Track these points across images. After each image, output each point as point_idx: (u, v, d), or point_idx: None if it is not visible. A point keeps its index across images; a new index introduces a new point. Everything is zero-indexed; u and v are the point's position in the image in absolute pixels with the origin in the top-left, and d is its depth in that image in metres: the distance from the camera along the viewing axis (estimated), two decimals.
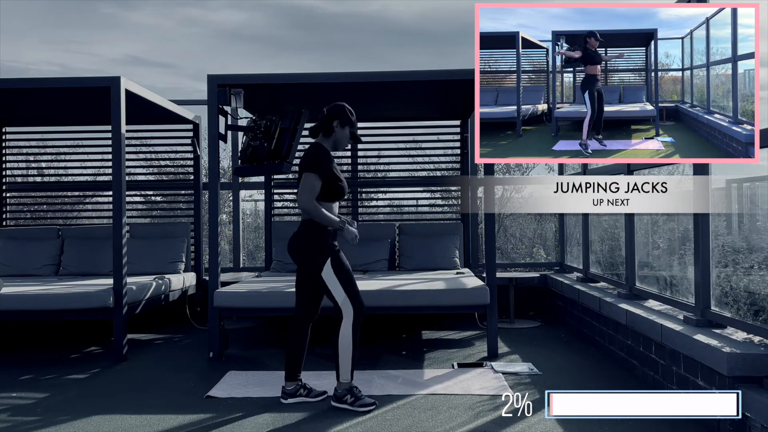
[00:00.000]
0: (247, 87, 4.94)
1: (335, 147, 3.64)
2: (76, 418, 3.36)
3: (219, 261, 4.87)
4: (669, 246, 4.54)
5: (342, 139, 3.61)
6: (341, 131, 3.59)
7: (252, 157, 4.93)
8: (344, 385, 3.49)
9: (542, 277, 6.52)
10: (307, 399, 3.60)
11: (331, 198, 3.53)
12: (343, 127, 3.59)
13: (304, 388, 3.63)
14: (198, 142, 6.63)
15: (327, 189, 3.50)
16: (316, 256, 3.48)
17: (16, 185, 7.10)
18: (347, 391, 3.48)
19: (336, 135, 3.59)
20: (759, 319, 3.17)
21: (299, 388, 3.62)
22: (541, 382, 3.92)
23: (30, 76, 8.27)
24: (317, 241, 3.48)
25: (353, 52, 27.22)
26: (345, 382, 3.49)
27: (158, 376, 4.27)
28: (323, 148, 3.56)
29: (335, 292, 3.48)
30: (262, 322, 6.08)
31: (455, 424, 3.21)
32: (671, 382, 3.51)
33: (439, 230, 6.48)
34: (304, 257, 3.53)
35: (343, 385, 3.49)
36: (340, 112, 3.59)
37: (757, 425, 2.66)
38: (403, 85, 5.12)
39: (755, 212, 3.91)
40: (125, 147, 4.90)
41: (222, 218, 7.93)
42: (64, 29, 26.81)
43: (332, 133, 3.59)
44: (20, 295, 4.72)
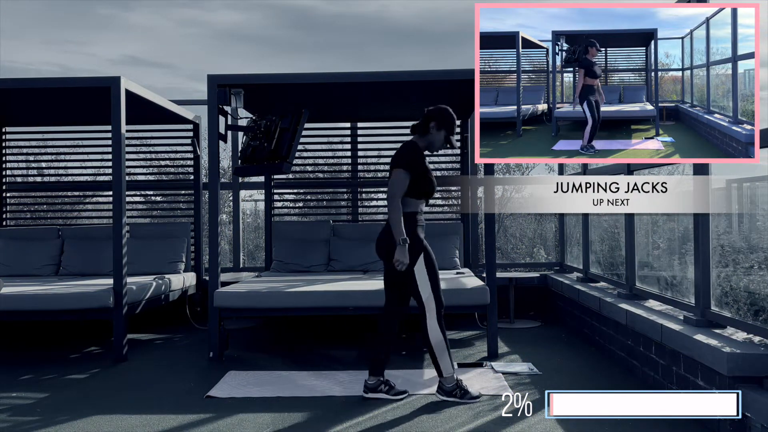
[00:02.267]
0: (247, 87, 4.93)
1: (429, 148, 3.70)
2: (76, 418, 3.36)
3: (219, 261, 4.87)
4: (669, 246, 4.54)
5: (436, 141, 3.66)
6: (437, 133, 3.64)
7: (252, 157, 4.94)
8: (449, 379, 3.56)
9: (542, 277, 6.52)
10: (387, 396, 3.61)
11: (418, 195, 3.60)
12: (439, 129, 3.64)
13: (385, 384, 3.64)
14: (198, 142, 6.63)
15: (415, 186, 3.57)
16: (410, 253, 3.52)
17: (16, 185, 7.10)
18: (455, 386, 3.54)
19: (431, 136, 3.66)
20: (759, 319, 3.17)
21: (380, 384, 3.63)
22: (541, 382, 3.92)
23: (29, 76, 8.27)
24: (410, 238, 3.53)
25: (352, 53, 27.23)
26: (449, 377, 3.56)
27: (158, 376, 4.27)
28: (415, 145, 3.64)
29: (422, 288, 3.55)
30: (262, 322, 6.08)
31: (455, 424, 3.21)
32: (671, 382, 3.51)
33: (439, 230, 6.47)
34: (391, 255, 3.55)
35: (448, 380, 3.56)
36: (439, 114, 3.65)
37: (757, 425, 2.66)
38: (403, 85, 5.12)
39: (755, 212, 3.91)
40: (125, 147, 4.90)
41: (222, 218, 7.93)
42: (62, 29, 26.81)
43: (427, 133, 3.66)
44: (20, 295, 4.72)
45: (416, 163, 3.57)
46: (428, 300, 3.56)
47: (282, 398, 3.67)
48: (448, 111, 3.66)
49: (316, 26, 27.10)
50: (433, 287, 3.57)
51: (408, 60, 27.75)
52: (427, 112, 3.68)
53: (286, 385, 3.91)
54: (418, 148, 3.64)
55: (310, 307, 4.68)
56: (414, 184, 3.56)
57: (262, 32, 28.88)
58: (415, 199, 3.61)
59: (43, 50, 26.16)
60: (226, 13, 25.76)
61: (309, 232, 6.41)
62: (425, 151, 3.70)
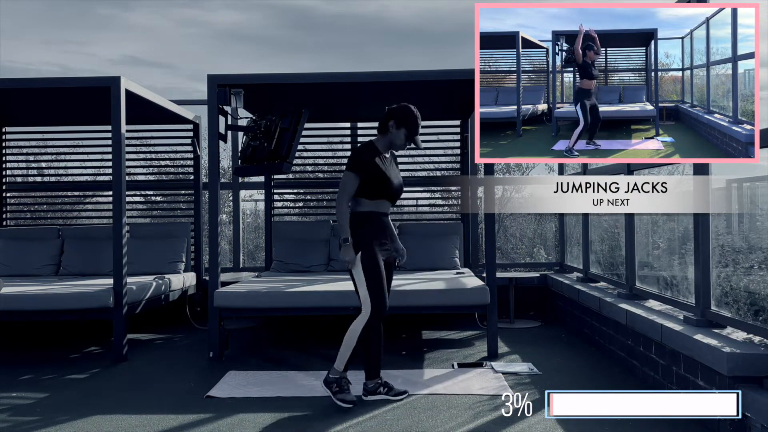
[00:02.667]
0: (247, 87, 4.93)
1: (391, 147, 3.65)
2: (76, 418, 3.36)
3: (219, 261, 4.87)
4: (669, 246, 4.54)
5: (396, 140, 3.61)
6: (396, 132, 3.59)
7: (252, 157, 4.94)
8: (335, 371, 3.53)
9: (542, 277, 6.52)
10: (387, 396, 3.60)
11: (371, 195, 3.56)
12: (398, 128, 3.58)
13: (384, 386, 3.63)
14: (198, 142, 6.63)
15: (367, 186, 3.54)
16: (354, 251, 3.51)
17: (16, 185, 7.10)
18: (336, 381, 3.51)
19: (391, 135, 3.61)
20: (759, 319, 3.17)
21: (379, 386, 3.62)
22: (541, 382, 3.92)
23: (29, 76, 8.27)
24: (356, 237, 3.51)
25: (351, 53, 27.23)
26: (337, 370, 3.53)
27: (158, 376, 4.27)
28: (369, 145, 3.61)
29: (359, 288, 3.52)
30: (262, 322, 6.08)
31: (455, 424, 3.21)
32: (671, 382, 3.51)
33: (439, 230, 6.48)
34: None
35: (334, 371, 3.53)
36: (398, 113, 3.60)
37: (757, 425, 2.66)
38: (403, 85, 5.12)
39: (755, 212, 3.91)
40: (125, 147, 4.90)
41: (222, 218, 7.93)
42: (62, 29, 26.81)
43: (387, 132, 3.62)
44: (20, 295, 4.72)
45: (365, 165, 3.51)
46: (364, 301, 3.50)
47: (282, 398, 3.67)
48: (408, 109, 3.60)
49: (316, 26, 27.11)
50: (372, 290, 3.49)
51: (408, 60, 27.77)
52: (388, 110, 3.62)
53: (286, 385, 3.91)
54: (370, 149, 3.58)
55: (310, 307, 4.68)
56: (366, 184, 3.52)
57: (262, 32, 28.89)
58: (370, 199, 3.56)
59: (43, 50, 26.18)
60: (226, 13, 25.77)
61: (309, 232, 6.41)
62: (388, 150, 3.65)
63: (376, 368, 3.63)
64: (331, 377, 3.53)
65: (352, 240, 3.51)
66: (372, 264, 3.51)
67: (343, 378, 3.53)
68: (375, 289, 3.49)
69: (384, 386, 3.63)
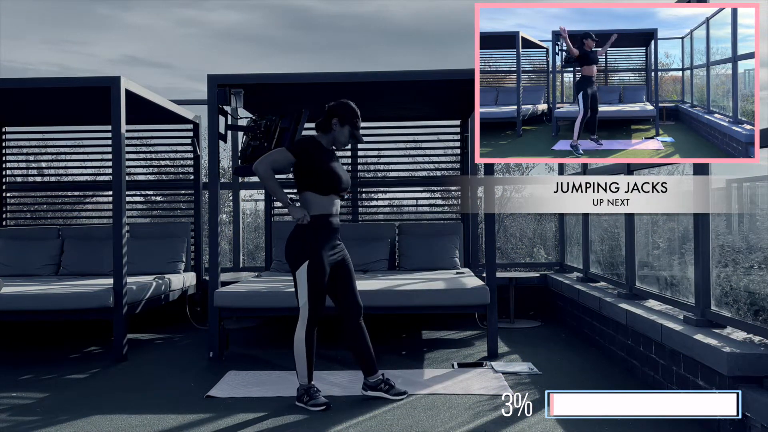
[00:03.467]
0: (246, 87, 4.93)
1: (334, 144, 3.64)
2: (76, 418, 3.36)
3: (219, 261, 4.87)
4: (669, 246, 4.54)
5: (340, 137, 3.59)
6: (340, 129, 3.58)
7: (252, 157, 4.93)
8: (301, 387, 3.52)
9: (542, 277, 6.52)
10: (386, 395, 3.59)
11: (320, 190, 3.52)
12: (342, 125, 3.57)
13: (385, 383, 3.62)
14: (198, 142, 6.63)
15: (310, 178, 3.51)
16: (296, 255, 3.49)
17: (16, 185, 7.10)
18: (305, 392, 3.50)
19: (335, 133, 3.59)
20: (759, 319, 3.17)
21: (380, 382, 3.62)
22: (541, 382, 3.92)
23: (28, 76, 8.27)
24: (305, 241, 3.48)
25: (351, 53, 27.25)
26: (302, 384, 3.52)
27: (158, 376, 4.27)
28: (312, 140, 3.59)
29: (300, 293, 3.49)
30: (262, 322, 6.08)
31: (455, 424, 3.21)
32: (671, 382, 3.51)
33: (439, 230, 6.48)
34: (287, 255, 3.55)
35: (300, 387, 3.52)
36: (341, 109, 3.57)
37: (757, 425, 2.66)
38: (403, 85, 5.12)
39: (755, 212, 3.91)
40: (125, 147, 4.90)
41: (222, 218, 7.93)
42: (61, 29, 26.83)
43: (330, 131, 3.59)
44: (20, 295, 4.72)
45: (306, 153, 3.50)
46: (303, 307, 3.48)
47: (282, 398, 3.67)
48: (349, 105, 3.59)
49: (316, 26, 27.12)
50: (312, 297, 3.46)
51: (407, 60, 27.77)
52: (328, 108, 3.59)
53: (286, 385, 3.90)
54: (316, 144, 3.56)
55: None
56: (308, 175, 3.50)
57: (262, 32, 28.90)
58: (321, 194, 3.52)
59: (42, 50, 26.18)
60: (226, 13, 25.79)
61: None
62: (331, 146, 3.63)
63: (372, 364, 3.63)
64: (300, 391, 3.53)
65: (298, 247, 3.49)
66: (318, 275, 3.47)
67: (311, 387, 3.52)
68: (315, 298, 3.48)
69: (385, 383, 3.63)
